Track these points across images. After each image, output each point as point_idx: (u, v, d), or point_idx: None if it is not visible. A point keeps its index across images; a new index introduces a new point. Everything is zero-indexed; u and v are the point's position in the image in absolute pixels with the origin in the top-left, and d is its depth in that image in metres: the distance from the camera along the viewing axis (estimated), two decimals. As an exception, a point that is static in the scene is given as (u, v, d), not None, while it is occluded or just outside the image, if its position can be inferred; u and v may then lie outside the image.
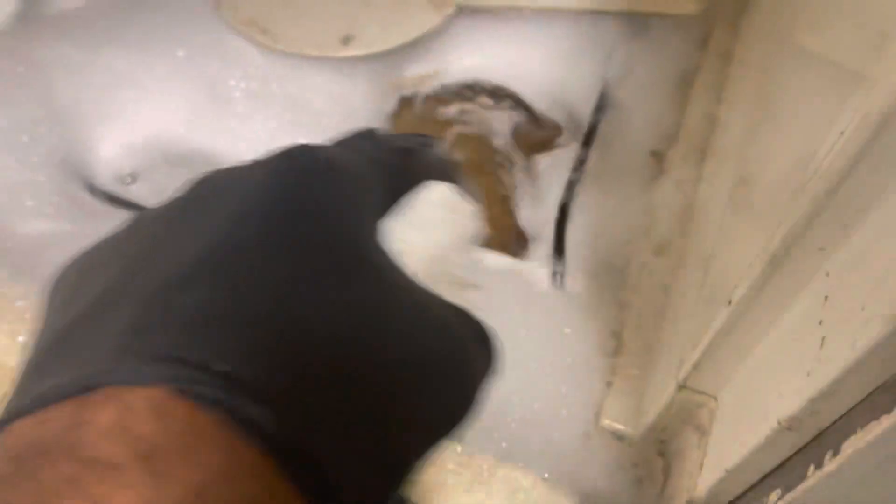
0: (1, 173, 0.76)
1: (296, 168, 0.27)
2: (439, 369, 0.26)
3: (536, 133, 0.88)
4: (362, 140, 0.35)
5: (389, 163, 0.34)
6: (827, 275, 0.39)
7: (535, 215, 0.83)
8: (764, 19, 0.82)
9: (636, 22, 0.90)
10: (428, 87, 0.92)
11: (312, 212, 0.26)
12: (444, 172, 0.38)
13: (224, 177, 0.28)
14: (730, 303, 0.45)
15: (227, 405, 0.19)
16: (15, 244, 0.71)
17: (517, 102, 0.89)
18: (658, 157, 0.83)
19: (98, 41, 0.85)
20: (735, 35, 0.88)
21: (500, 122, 0.89)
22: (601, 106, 0.87)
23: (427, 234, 0.33)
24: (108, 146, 0.81)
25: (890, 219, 0.33)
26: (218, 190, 0.27)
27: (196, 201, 0.27)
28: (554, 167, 0.85)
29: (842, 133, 0.34)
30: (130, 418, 0.18)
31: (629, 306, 0.70)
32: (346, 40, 0.86)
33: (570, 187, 0.82)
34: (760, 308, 0.43)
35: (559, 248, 0.78)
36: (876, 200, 0.34)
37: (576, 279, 0.74)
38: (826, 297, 0.38)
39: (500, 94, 0.90)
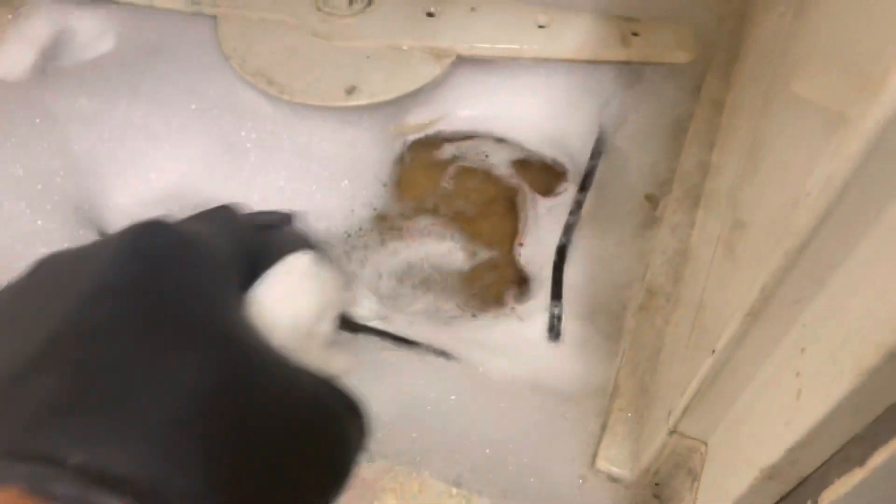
0: (14, 221, 0.78)
1: (146, 246, 0.27)
2: (311, 442, 0.26)
3: (543, 176, 0.91)
4: (218, 214, 0.36)
5: (249, 237, 0.34)
6: (804, 326, 0.40)
7: (534, 257, 0.85)
8: (754, 67, 0.85)
9: (631, 71, 0.92)
10: (430, 133, 0.95)
11: (167, 290, 0.25)
12: (305, 243, 0.38)
13: (70, 258, 0.27)
14: (713, 352, 0.46)
15: (84, 501, 0.18)
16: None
17: (522, 149, 0.92)
18: (653, 200, 0.85)
19: (114, 93, 0.89)
20: (727, 83, 0.91)
21: (505, 162, 0.92)
22: (598, 151, 0.90)
23: (292, 304, 0.33)
24: (123, 196, 0.84)
25: (858, 274, 0.35)
26: (64, 272, 0.26)
27: (39, 285, 0.26)
28: (552, 210, 0.87)
29: (808, 193, 0.36)
30: None
31: (624, 350, 0.71)
32: (351, 90, 0.89)
33: (568, 230, 0.84)
34: (742, 357, 0.45)
35: (557, 291, 0.80)
36: (845, 256, 0.36)
37: (572, 322, 0.76)
38: (803, 349, 0.40)
39: (504, 141, 0.93)
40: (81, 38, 0.98)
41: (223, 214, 0.36)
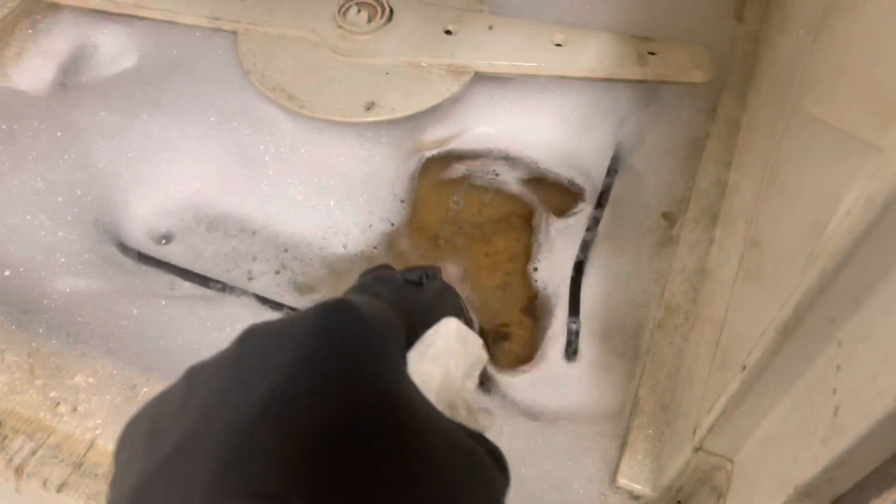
0: (36, 233, 0.79)
1: (334, 325, 0.32)
2: (468, 489, 0.29)
3: (559, 195, 0.91)
4: (379, 285, 0.42)
5: (407, 297, 0.40)
6: (839, 344, 0.40)
7: (551, 275, 0.85)
8: (770, 87, 0.85)
9: (647, 89, 0.93)
10: (447, 149, 0.95)
11: (352, 364, 0.30)
12: (452, 305, 0.45)
13: (270, 334, 0.32)
14: (744, 368, 0.46)
15: None
16: (50, 301, 0.73)
17: (538, 168, 0.93)
18: (670, 219, 0.86)
19: (134, 107, 0.89)
20: (742, 103, 0.91)
21: (519, 181, 0.92)
22: (614, 169, 0.90)
23: (445, 365, 0.37)
24: (143, 207, 0.84)
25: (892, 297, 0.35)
26: (267, 347, 0.31)
27: (248, 358, 0.31)
28: (569, 227, 0.87)
29: (848, 212, 0.37)
30: None
31: (644, 368, 0.71)
32: (370, 106, 0.90)
33: (585, 247, 0.84)
34: (774, 374, 0.45)
35: (574, 307, 0.80)
36: (884, 275, 0.36)
37: (588, 340, 0.76)
38: (839, 367, 0.40)
39: (517, 165, 0.93)
40: (102, 52, 0.99)
41: (386, 276, 0.43)
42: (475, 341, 0.42)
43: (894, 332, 0.35)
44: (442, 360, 0.37)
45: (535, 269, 0.85)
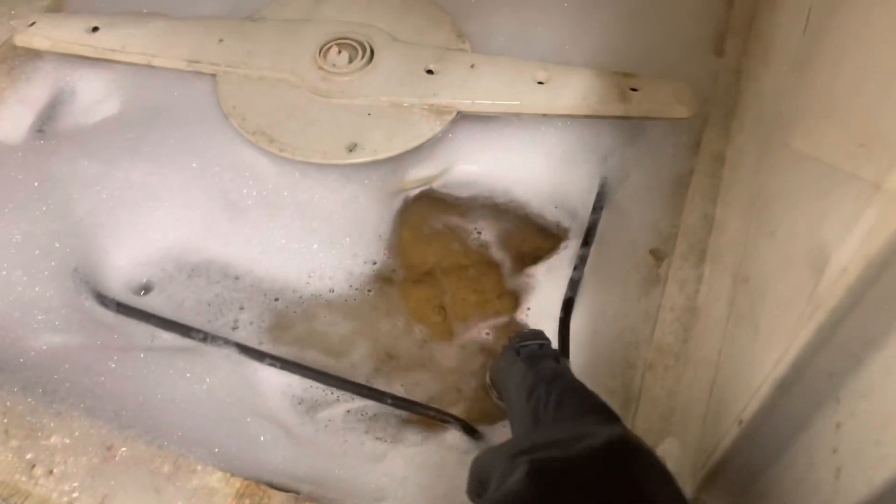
0: (13, 289, 0.77)
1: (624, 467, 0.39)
2: None
3: (543, 237, 0.90)
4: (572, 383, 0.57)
5: None
6: (838, 401, 0.39)
7: (538, 314, 0.84)
8: (754, 121, 0.85)
9: (630, 125, 0.93)
10: (431, 189, 0.94)
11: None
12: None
13: (564, 476, 0.38)
14: (740, 423, 0.45)
15: None
16: (27, 359, 0.71)
17: (521, 208, 0.92)
18: (657, 255, 0.85)
19: (115, 154, 0.88)
20: (726, 136, 0.91)
21: (500, 230, 0.91)
22: (599, 206, 0.90)
23: None
24: (122, 257, 0.82)
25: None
26: (563, 494, 0.37)
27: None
28: (555, 267, 0.86)
29: (844, 270, 0.36)
30: None
31: (636, 411, 0.70)
32: (352, 148, 0.89)
33: (574, 286, 0.83)
34: (771, 429, 0.44)
35: (564, 348, 0.79)
36: (884, 334, 0.35)
37: (584, 380, 0.75)
38: (838, 424, 0.39)
39: (501, 208, 0.92)
40: (82, 98, 0.98)
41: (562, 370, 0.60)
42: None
43: (894, 390, 0.34)
44: None
45: (528, 309, 0.84)
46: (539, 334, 0.69)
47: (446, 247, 0.90)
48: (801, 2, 0.75)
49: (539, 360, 0.64)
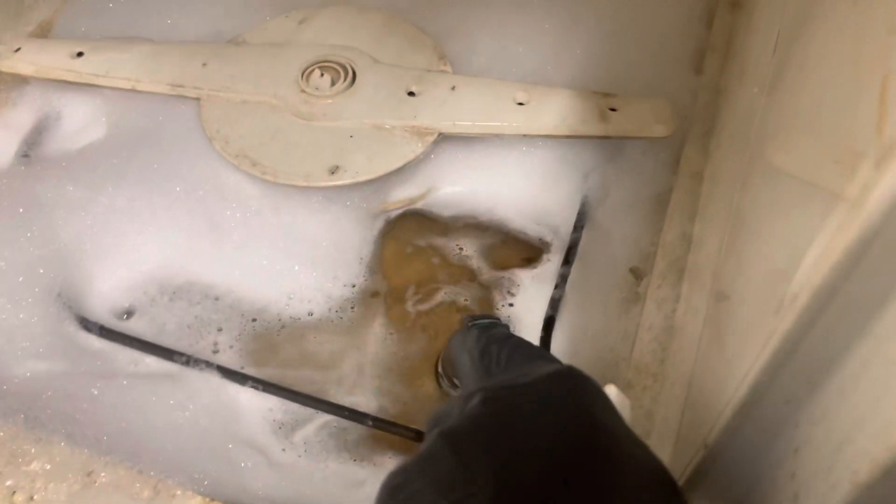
0: (-4, 316, 0.77)
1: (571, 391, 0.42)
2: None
3: (524, 253, 0.91)
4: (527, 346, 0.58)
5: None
6: (796, 426, 0.40)
7: (526, 328, 0.84)
8: (731, 140, 0.86)
9: (610, 145, 0.94)
10: (413, 209, 0.95)
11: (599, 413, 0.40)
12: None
13: (515, 399, 0.41)
14: (706, 446, 0.46)
15: None
16: (10, 386, 0.72)
17: (501, 231, 0.92)
18: (637, 273, 0.86)
19: (100, 180, 0.88)
20: (705, 154, 0.92)
21: (482, 247, 0.92)
22: (580, 225, 0.90)
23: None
24: (106, 282, 0.83)
25: (850, 379, 0.35)
26: (516, 414, 0.39)
27: (496, 428, 0.39)
28: (537, 285, 0.87)
29: (795, 297, 0.36)
30: None
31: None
32: (334, 170, 0.90)
33: (555, 304, 0.84)
34: (735, 454, 0.44)
35: (545, 368, 0.79)
36: (837, 359, 0.36)
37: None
38: (796, 450, 0.39)
39: (483, 227, 0.93)
40: (67, 123, 0.98)
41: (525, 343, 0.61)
42: (628, 403, 0.53)
43: (846, 419, 0.34)
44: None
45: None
46: (490, 315, 0.71)
47: (428, 265, 0.91)
48: (771, 23, 0.77)
49: (491, 328, 0.67)
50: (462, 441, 0.38)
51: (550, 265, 0.88)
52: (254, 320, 0.84)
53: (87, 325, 0.80)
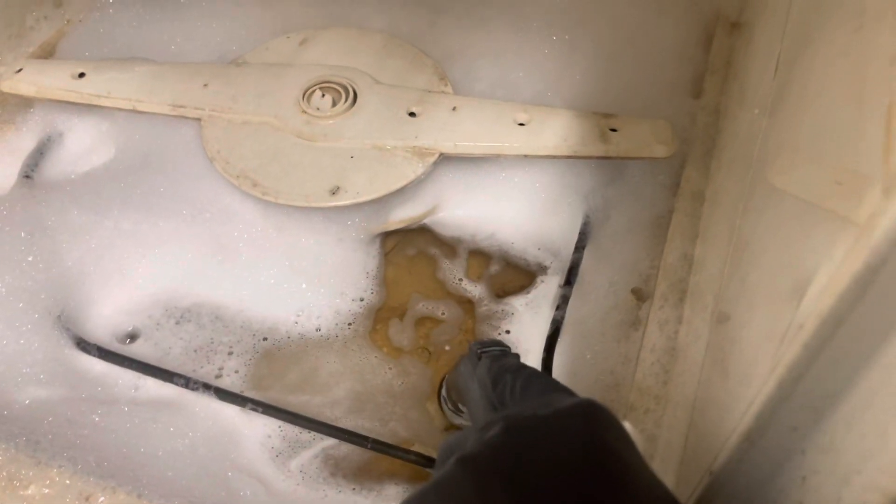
0: (-2, 343, 0.77)
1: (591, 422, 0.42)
2: None
3: (516, 280, 0.91)
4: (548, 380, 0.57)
5: None
6: (803, 454, 0.40)
7: (526, 350, 0.84)
8: (732, 161, 0.86)
9: (611, 165, 0.94)
10: (414, 229, 0.95)
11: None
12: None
13: (537, 430, 0.41)
14: (711, 473, 0.45)
15: None
16: (10, 412, 0.71)
17: (501, 252, 0.92)
18: (639, 295, 0.86)
19: (104, 204, 0.88)
20: (706, 175, 0.92)
21: (478, 272, 0.92)
22: (581, 245, 0.90)
23: None
24: (109, 306, 0.83)
25: (857, 410, 0.35)
26: (537, 444, 0.39)
27: (516, 457, 0.39)
28: (531, 311, 0.87)
29: (800, 326, 0.36)
30: None
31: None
32: (335, 191, 0.90)
33: (556, 326, 0.84)
34: (741, 481, 0.44)
35: (547, 389, 0.79)
36: (844, 389, 0.36)
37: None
38: (804, 478, 0.39)
39: (484, 248, 0.93)
40: (70, 145, 0.99)
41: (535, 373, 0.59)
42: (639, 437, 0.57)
43: (854, 451, 0.34)
44: None
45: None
46: (499, 342, 0.70)
47: (428, 287, 0.91)
48: (772, 46, 0.77)
49: (502, 357, 0.66)
50: (481, 468, 0.38)
51: (545, 287, 0.88)
52: (264, 339, 0.84)
53: (85, 346, 0.80)
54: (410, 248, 0.96)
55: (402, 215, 0.94)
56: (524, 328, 0.84)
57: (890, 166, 0.31)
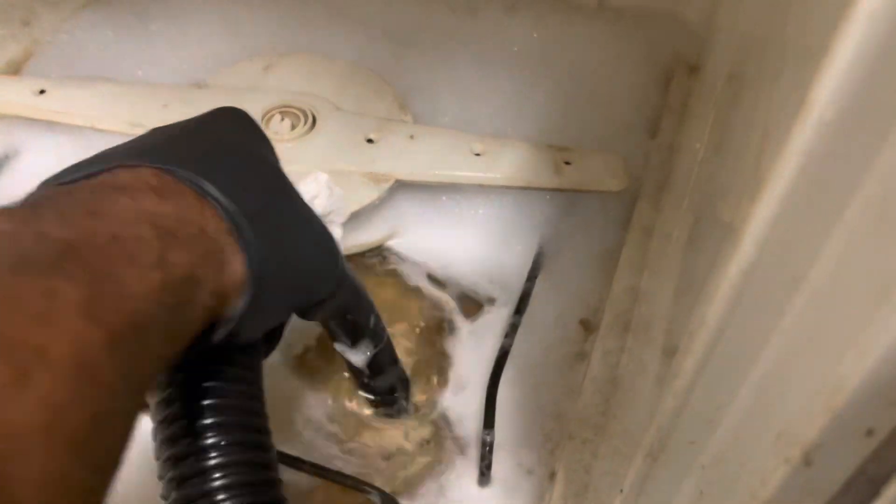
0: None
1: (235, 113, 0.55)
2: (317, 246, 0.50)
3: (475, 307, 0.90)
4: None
5: None
6: (702, 468, 0.39)
7: (468, 378, 0.83)
8: (684, 196, 0.87)
9: (565, 198, 0.95)
10: (370, 257, 0.95)
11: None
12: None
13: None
14: (621, 491, 0.45)
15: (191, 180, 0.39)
16: None
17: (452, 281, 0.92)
18: (587, 326, 0.85)
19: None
20: (657, 210, 0.93)
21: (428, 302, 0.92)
22: (534, 275, 0.90)
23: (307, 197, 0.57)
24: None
25: (737, 421, 0.34)
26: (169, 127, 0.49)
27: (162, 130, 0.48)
28: (482, 335, 0.86)
29: (691, 333, 0.36)
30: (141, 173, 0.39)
31: (553, 485, 0.69)
32: (287, 213, 0.90)
33: (503, 354, 0.83)
34: (648, 499, 0.43)
35: (490, 418, 0.78)
36: (728, 400, 0.36)
37: (502, 455, 0.74)
38: (701, 492, 0.38)
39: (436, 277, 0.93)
40: (27, 161, 0.98)
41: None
42: (340, 192, 0.61)
43: (736, 461, 0.34)
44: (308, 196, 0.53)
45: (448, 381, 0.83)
46: None
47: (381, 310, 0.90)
48: (713, 88, 0.79)
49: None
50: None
51: (490, 317, 0.87)
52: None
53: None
54: (366, 276, 0.95)
55: (356, 240, 0.94)
56: (467, 354, 0.83)
57: (758, 173, 0.32)
